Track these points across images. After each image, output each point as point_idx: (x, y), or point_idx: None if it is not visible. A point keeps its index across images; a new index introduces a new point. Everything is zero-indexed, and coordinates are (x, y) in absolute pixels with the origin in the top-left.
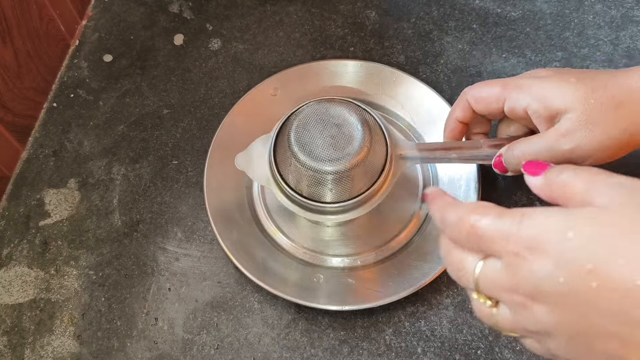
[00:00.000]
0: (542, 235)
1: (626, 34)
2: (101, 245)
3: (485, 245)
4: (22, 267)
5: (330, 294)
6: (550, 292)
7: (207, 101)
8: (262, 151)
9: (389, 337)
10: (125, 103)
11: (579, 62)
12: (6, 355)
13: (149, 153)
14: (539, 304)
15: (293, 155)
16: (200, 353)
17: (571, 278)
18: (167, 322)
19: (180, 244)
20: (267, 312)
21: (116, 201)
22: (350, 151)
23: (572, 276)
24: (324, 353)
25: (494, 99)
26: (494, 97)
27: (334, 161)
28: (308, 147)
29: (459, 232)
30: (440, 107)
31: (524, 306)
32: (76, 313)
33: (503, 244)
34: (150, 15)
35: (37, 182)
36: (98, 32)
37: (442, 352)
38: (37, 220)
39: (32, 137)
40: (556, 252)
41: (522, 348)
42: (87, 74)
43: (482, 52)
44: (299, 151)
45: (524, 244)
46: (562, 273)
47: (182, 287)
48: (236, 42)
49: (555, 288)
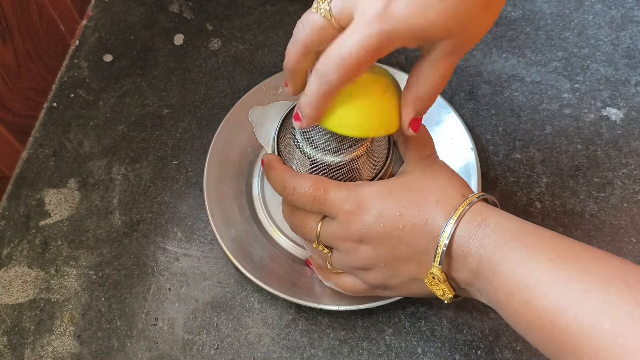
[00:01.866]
0: (370, 197)
1: (626, 34)
2: (101, 245)
3: (326, 208)
4: (22, 267)
5: (330, 294)
6: (373, 235)
7: (207, 101)
8: (275, 118)
9: (389, 337)
10: (125, 103)
11: (579, 62)
12: (6, 355)
13: (149, 153)
14: (364, 245)
15: (297, 146)
16: (200, 353)
17: (388, 223)
18: (167, 322)
19: (180, 244)
20: (267, 312)
21: (116, 201)
22: (353, 143)
23: (389, 222)
24: (324, 353)
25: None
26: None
27: (337, 152)
28: (309, 135)
29: (305, 199)
30: (440, 107)
31: (353, 248)
32: (76, 313)
33: (341, 206)
34: (150, 15)
35: (37, 182)
36: (98, 32)
37: (442, 352)
38: (37, 220)
39: (32, 137)
40: (379, 206)
41: (522, 348)
42: (87, 74)
43: (482, 52)
44: (301, 140)
45: (357, 204)
46: (382, 220)
47: (182, 287)
48: (236, 42)
49: (378, 231)
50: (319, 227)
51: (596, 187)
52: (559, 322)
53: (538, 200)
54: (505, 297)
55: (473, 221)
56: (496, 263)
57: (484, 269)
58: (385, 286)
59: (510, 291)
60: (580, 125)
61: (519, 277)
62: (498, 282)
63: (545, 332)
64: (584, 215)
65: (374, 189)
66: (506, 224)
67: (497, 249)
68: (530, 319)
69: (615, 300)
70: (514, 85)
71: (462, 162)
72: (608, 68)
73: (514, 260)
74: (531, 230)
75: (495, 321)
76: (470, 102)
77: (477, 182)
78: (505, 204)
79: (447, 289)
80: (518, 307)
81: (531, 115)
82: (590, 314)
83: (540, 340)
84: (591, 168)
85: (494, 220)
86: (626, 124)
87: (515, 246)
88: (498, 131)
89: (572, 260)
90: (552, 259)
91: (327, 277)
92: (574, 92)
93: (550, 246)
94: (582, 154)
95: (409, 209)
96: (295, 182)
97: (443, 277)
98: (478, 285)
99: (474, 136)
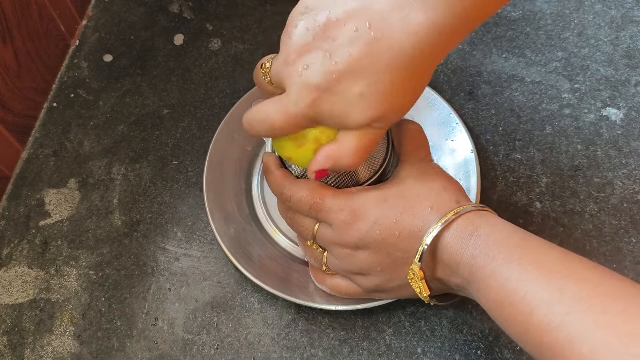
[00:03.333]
0: (366, 204)
1: (626, 34)
2: (101, 245)
3: (322, 216)
4: (22, 267)
5: (330, 294)
6: (370, 242)
7: (207, 101)
8: None
9: (389, 337)
10: (125, 103)
11: (579, 62)
12: (6, 355)
13: (149, 153)
14: (361, 250)
15: None
16: (200, 353)
17: (384, 230)
18: (167, 322)
19: (180, 244)
20: (267, 312)
21: (116, 201)
22: None
23: (385, 229)
24: (324, 353)
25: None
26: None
27: None
28: None
29: (301, 206)
30: (440, 107)
31: (349, 254)
32: (76, 313)
33: (337, 214)
34: (150, 15)
35: (37, 182)
36: (98, 32)
37: (442, 352)
38: (37, 220)
39: (32, 137)
40: (375, 214)
41: (522, 348)
42: (87, 74)
43: (482, 52)
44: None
45: (353, 212)
46: (378, 228)
47: (182, 287)
48: (236, 42)
49: (374, 238)
50: (315, 229)
51: (596, 187)
52: (545, 340)
53: (538, 200)
54: (496, 308)
55: (465, 230)
56: (486, 276)
57: (475, 278)
58: (381, 289)
59: (499, 304)
60: (580, 125)
61: (507, 293)
62: (488, 293)
63: (534, 346)
64: (584, 215)
65: (370, 196)
66: (495, 235)
67: (487, 261)
68: (519, 331)
69: (591, 327)
70: (513, 85)
71: (461, 162)
72: (608, 68)
73: (502, 277)
74: (519, 242)
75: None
76: (470, 102)
77: (477, 183)
78: (505, 204)
79: (423, 287)
80: (508, 319)
81: (531, 115)
82: (570, 338)
83: (530, 349)
84: (591, 168)
85: (485, 230)
86: (626, 124)
87: (503, 261)
88: (498, 131)
89: (555, 279)
90: (537, 278)
91: (320, 279)
92: (574, 92)
93: (536, 261)
94: (582, 154)
95: (404, 216)
96: (292, 189)
97: (421, 274)
98: (471, 292)
99: (474, 136)
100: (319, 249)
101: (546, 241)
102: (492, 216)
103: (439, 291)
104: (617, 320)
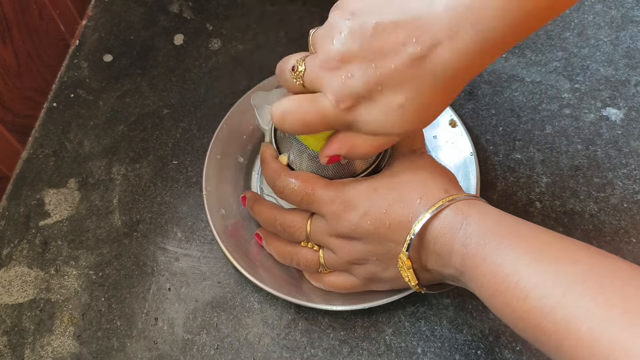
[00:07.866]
0: (356, 195)
1: (626, 34)
2: (101, 245)
3: (314, 207)
4: (22, 267)
5: (330, 294)
6: (362, 232)
7: (207, 101)
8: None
9: (389, 337)
10: (125, 103)
11: (579, 62)
12: (6, 355)
13: (149, 153)
14: (355, 241)
15: (293, 135)
16: (200, 353)
17: (374, 220)
18: (167, 322)
19: (180, 244)
20: (267, 312)
21: (116, 201)
22: None
23: (375, 219)
24: (324, 353)
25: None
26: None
27: None
28: None
29: (294, 197)
30: None
31: (345, 245)
32: (76, 313)
33: (328, 205)
34: (150, 15)
35: (37, 182)
36: (98, 32)
37: (442, 352)
38: (37, 220)
39: (32, 137)
40: (365, 204)
41: (522, 348)
42: (87, 74)
43: None
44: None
45: (344, 203)
46: (369, 218)
47: (182, 287)
48: (236, 42)
49: (366, 229)
50: (308, 225)
51: (596, 187)
52: (541, 324)
53: (538, 200)
54: (489, 297)
55: (455, 219)
56: (478, 264)
57: (467, 267)
58: (378, 279)
59: (493, 291)
60: (580, 125)
61: (499, 280)
62: (481, 282)
63: (530, 331)
64: (584, 215)
65: (361, 187)
66: (486, 223)
67: (478, 249)
68: (514, 317)
69: (589, 306)
70: (513, 85)
71: (461, 163)
72: (608, 68)
73: (493, 263)
74: (510, 229)
75: (495, 321)
76: (470, 102)
77: (477, 183)
78: (505, 204)
79: (411, 276)
80: (502, 307)
81: (531, 115)
82: (568, 319)
83: (526, 335)
84: (591, 168)
85: (475, 218)
86: (626, 124)
87: (495, 247)
88: (498, 131)
89: (549, 263)
90: (530, 262)
91: (316, 279)
92: (574, 92)
93: (528, 246)
94: (582, 154)
95: (394, 206)
96: (285, 180)
97: (408, 263)
98: (465, 282)
99: (474, 136)
100: (315, 246)
101: (538, 226)
102: (482, 204)
103: (433, 282)
104: (615, 298)
